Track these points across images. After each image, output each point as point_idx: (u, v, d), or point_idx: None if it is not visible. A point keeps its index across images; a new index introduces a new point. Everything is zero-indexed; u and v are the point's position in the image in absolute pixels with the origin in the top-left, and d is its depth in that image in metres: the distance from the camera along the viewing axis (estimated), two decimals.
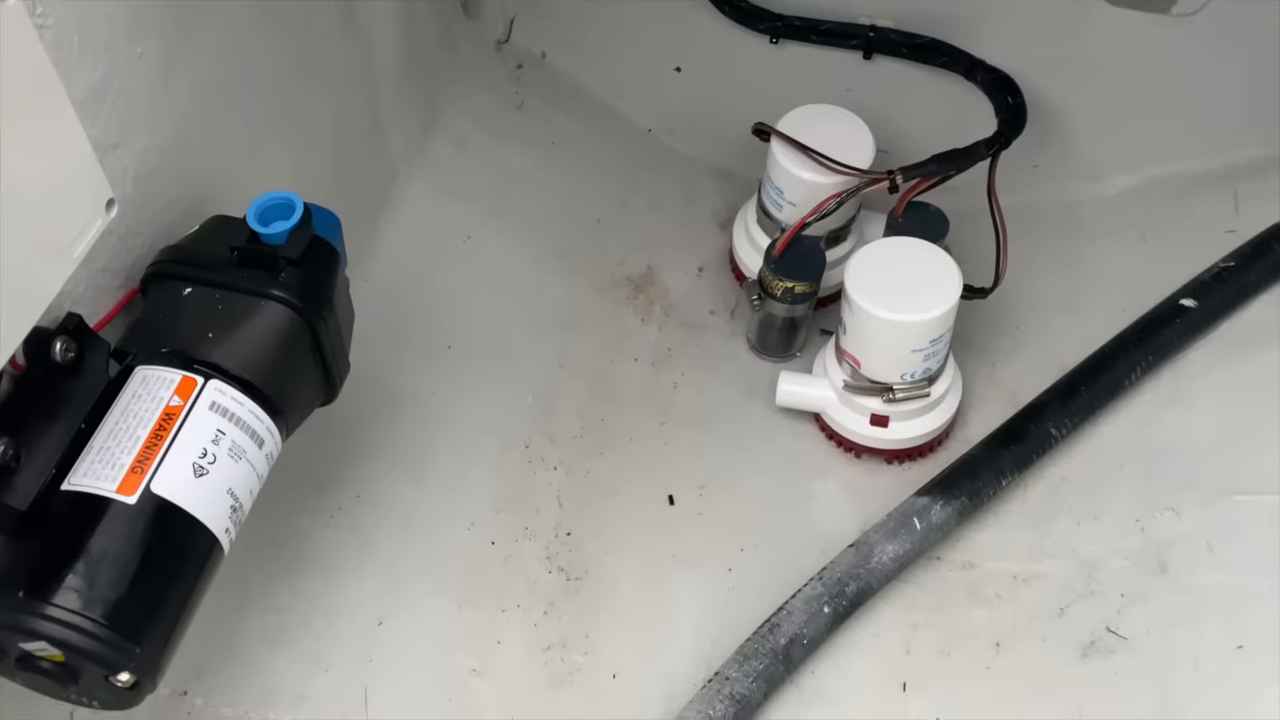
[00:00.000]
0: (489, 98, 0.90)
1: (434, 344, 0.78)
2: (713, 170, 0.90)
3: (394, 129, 0.80)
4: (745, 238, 0.82)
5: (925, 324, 0.70)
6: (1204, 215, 0.83)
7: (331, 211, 0.58)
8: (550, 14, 0.92)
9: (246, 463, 0.51)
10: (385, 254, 0.80)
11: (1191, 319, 0.76)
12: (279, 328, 0.52)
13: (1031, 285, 0.81)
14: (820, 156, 0.75)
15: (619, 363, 0.81)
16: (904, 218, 0.76)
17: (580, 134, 0.91)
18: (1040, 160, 0.87)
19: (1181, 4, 0.79)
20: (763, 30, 0.86)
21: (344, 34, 0.72)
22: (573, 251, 0.85)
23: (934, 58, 0.84)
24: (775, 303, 0.77)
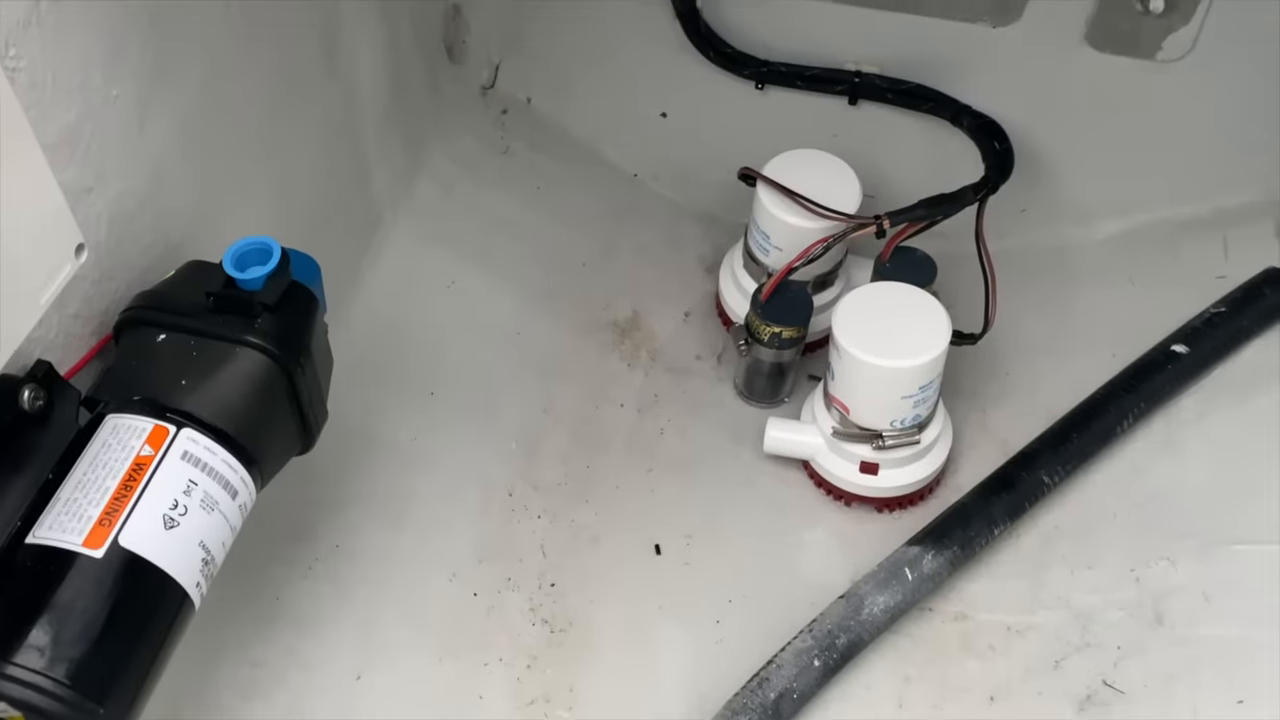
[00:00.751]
0: (474, 142, 0.90)
1: (416, 390, 0.77)
2: (698, 215, 0.90)
3: (378, 172, 0.80)
4: (732, 282, 0.82)
5: (915, 370, 0.69)
6: (1193, 260, 0.83)
7: (310, 257, 0.57)
8: (536, 60, 0.92)
9: (219, 514, 0.50)
10: (367, 298, 0.79)
11: (1183, 365, 0.75)
12: (254, 375, 0.51)
13: (1021, 331, 0.81)
14: (806, 201, 0.74)
15: (604, 408, 0.80)
16: (891, 263, 0.76)
17: (565, 179, 0.91)
18: (1028, 205, 0.87)
19: (1166, 50, 0.80)
20: (748, 76, 0.87)
21: (326, 77, 0.71)
22: (558, 296, 0.85)
23: (919, 103, 0.84)
24: (762, 348, 0.76)
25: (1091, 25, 0.80)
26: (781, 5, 0.84)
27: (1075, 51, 0.81)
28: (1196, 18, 0.78)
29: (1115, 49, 0.80)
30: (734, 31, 0.86)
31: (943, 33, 0.82)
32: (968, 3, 0.81)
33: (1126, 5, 0.78)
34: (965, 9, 0.81)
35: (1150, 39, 0.79)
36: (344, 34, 0.72)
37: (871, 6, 0.82)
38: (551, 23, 0.89)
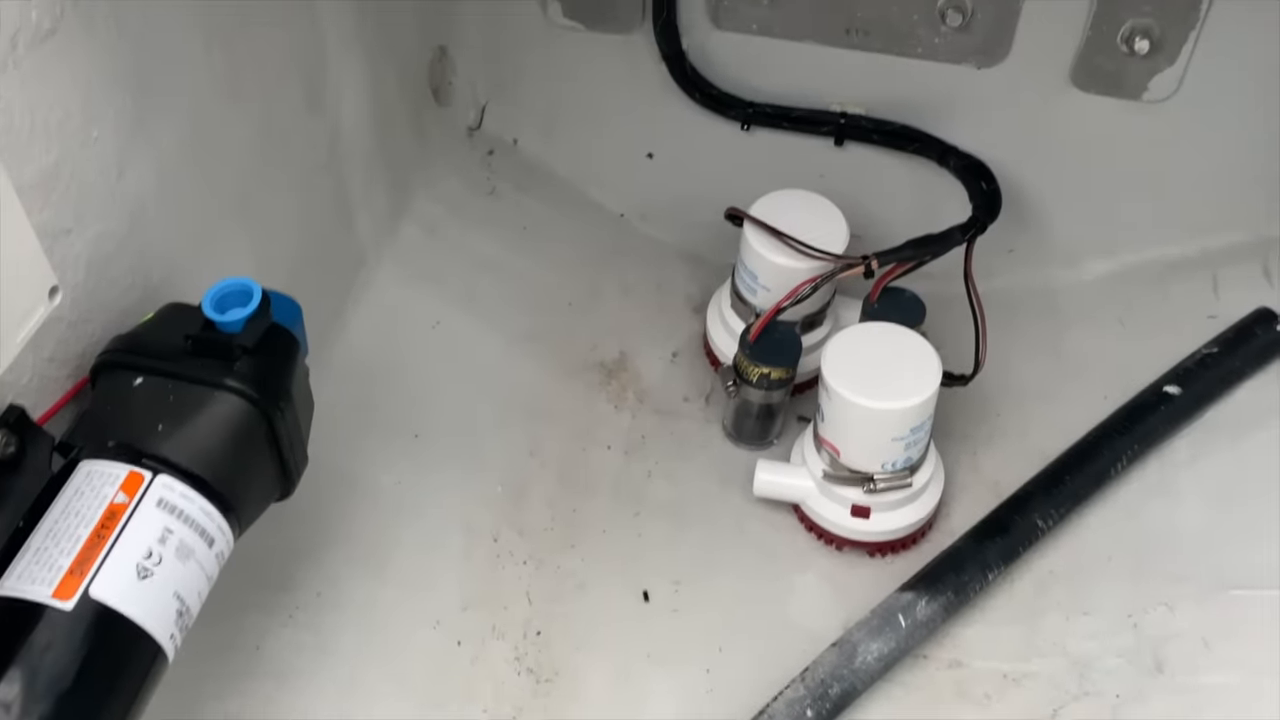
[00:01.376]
0: (460, 183, 0.90)
1: (399, 433, 0.76)
2: (686, 255, 0.90)
3: (362, 213, 0.79)
4: (719, 323, 0.81)
5: (905, 411, 0.68)
6: (1183, 301, 0.83)
7: (292, 299, 0.56)
8: (522, 101, 0.92)
9: (195, 563, 0.49)
10: (351, 340, 0.78)
11: (1176, 406, 0.75)
12: (233, 419, 0.50)
13: (1011, 372, 0.80)
14: (794, 241, 0.74)
15: (591, 451, 0.79)
16: (880, 303, 0.75)
17: (552, 219, 0.90)
18: (1016, 246, 0.86)
19: (1152, 91, 0.80)
20: (734, 117, 0.87)
21: (310, 118, 0.71)
22: (544, 337, 0.84)
23: (906, 144, 0.84)
24: (751, 389, 0.75)
25: (1077, 66, 0.80)
26: (767, 47, 0.84)
27: (1061, 92, 0.82)
28: (1182, 58, 0.78)
29: (1101, 90, 0.81)
30: (720, 73, 0.86)
31: (928, 74, 0.83)
32: (952, 44, 0.81)
33: (1112, 46, 0.79)
34: (950, 51, 0.82)
35: (1136, 80, 0.80)
36: (328, 76, 0.72)
37: (856, 48, 0.83)
38: (538, 64, 0.89)
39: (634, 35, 0.86)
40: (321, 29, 0.70)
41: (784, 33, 0.83)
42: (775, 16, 0.83)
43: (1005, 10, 0.79)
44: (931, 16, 0.80)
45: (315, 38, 0.70)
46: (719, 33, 0.84)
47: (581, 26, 0.86)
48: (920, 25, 0.81)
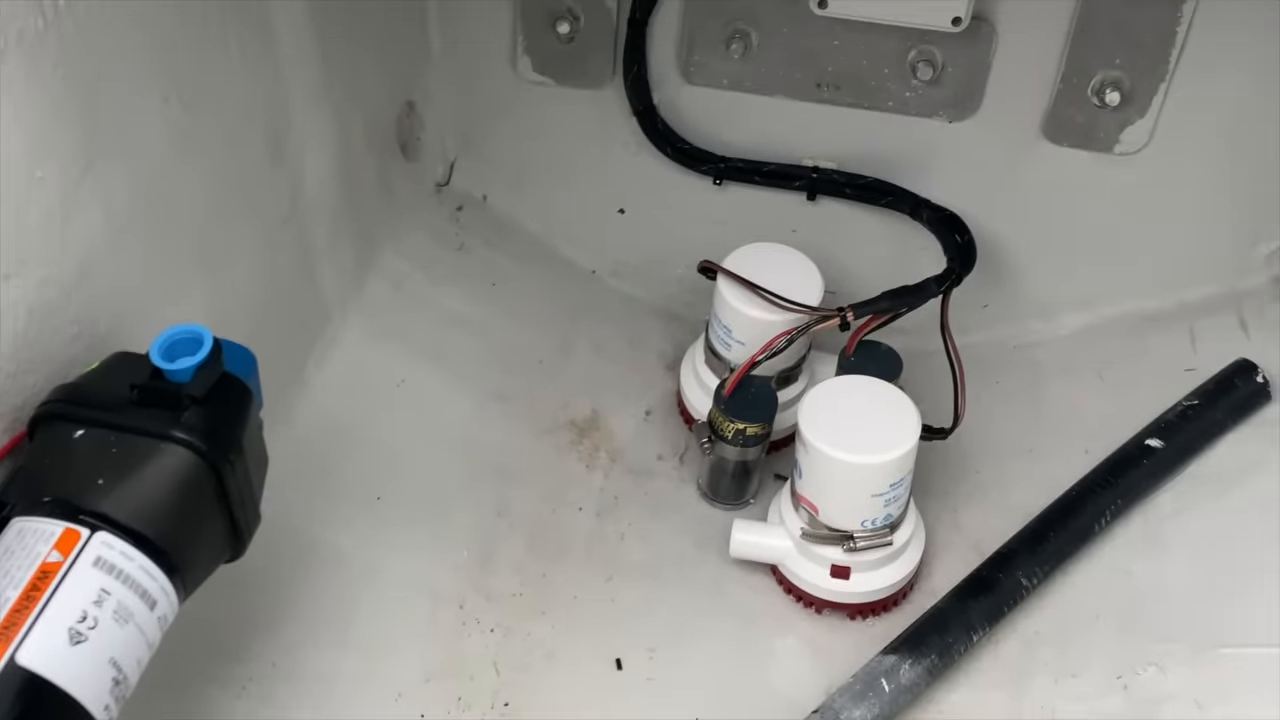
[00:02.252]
0: (428, 239, 0.88)
1: (361, 494, 0.74)
2: (658, 312, 0.89)
3: (326, 268, 0.77)
4: (693, 379, 0.80)
5: (885, 466, 0.67)
6: (1161, 353, 0.82)
7: (246, 348, 0.53)
8: (492, 157, 0.91)
9: (134, 627, 0.45)
10: (313, 397, 0.76)
11: (1160, 459, 0.74)
12: (179, 473, 0.47)
13: (989, 428, 0.79)
14: (768, 294, 0.73)
15: (562, 512, 0.76)
16: (856, 357, 0.74)
17: (522, 275, 0.89)
18: (990, 300, 0.86)
19: (1124, 143, 0.80)
20: (705, 172, 0.86)
21: (272, 167, 0.69)
22: (513, 396, 0.82)
23: (878, 198, 0.84)
24: (726, 446, 0.73)
25: (1048, 119, 0.81)
26: (738, 102, 0.84)
27: (1032, 145, 0.82)
28: (1152, 110, 0.78)
29: (1072, 142, 0.81)
30: (691, 128, 0.86)
31: (900, 128, 0.83)
32: (923, 98, 0.81)
33: (1082, 99, 0.79)
34: (921, 105, 0.82)
35: (1107, 132, 0.80)
36: (292, 129, 0.71)
37: (827, 103, 0.83)
38: (508, 120, 0.89)
39: (604, 90, 0.86)
40: (285, 81, 0.69)
41: (755, 88, 0.83)
42: (746, 72, 0.83)
43: (976, 64, 0.79)
44: (902, 70, 0.81)
45: (278, 90, 0.68)
46: (690, 88, 0.84)
47: (551, 82, 0.86)
48: (891, 79, 0.81)
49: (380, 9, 0.79)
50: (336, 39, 0.73)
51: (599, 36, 0.83)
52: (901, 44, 0.79)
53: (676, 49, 0.83)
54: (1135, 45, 0.76)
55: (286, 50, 0.68)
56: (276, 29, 0.67)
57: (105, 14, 0.52)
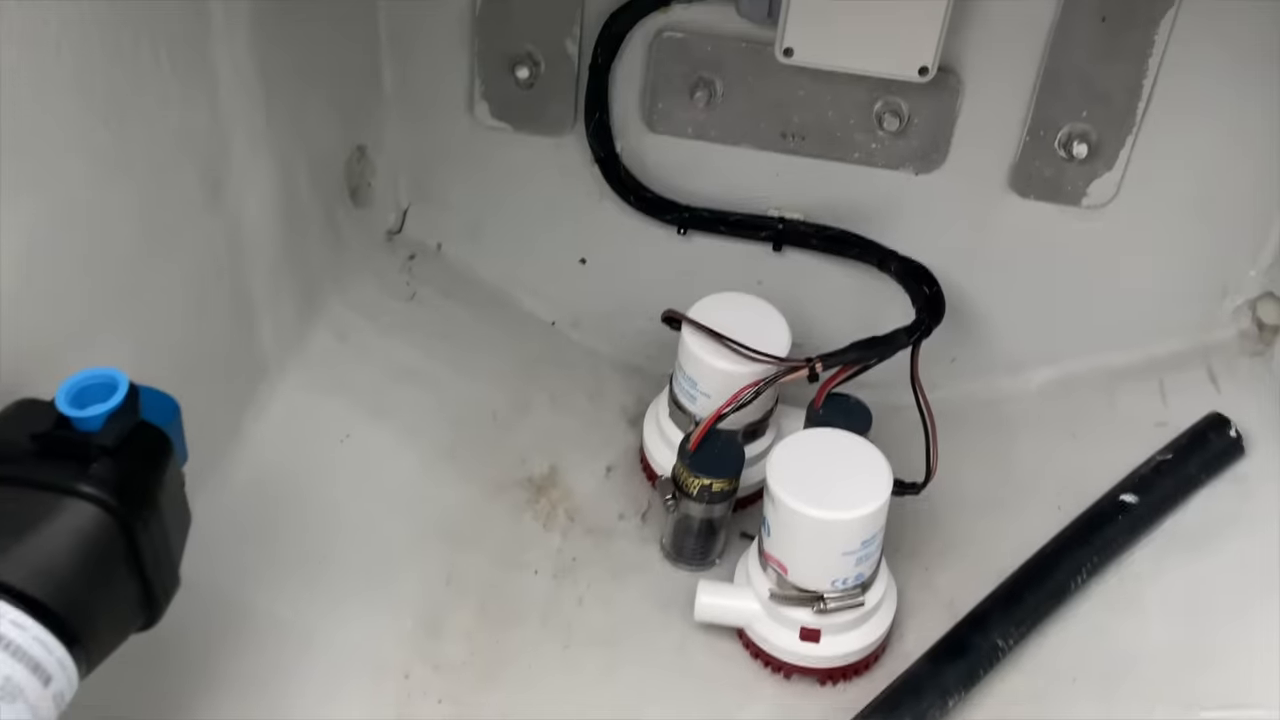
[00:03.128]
0: (377, 288, 0.85)
1: (300, 557, 0.69)
2: (620, 365, 0.86)
3: (266, 317, 0.74)
4: (657, 433, 0.77)
5: (857, 522, 0.64)
6: (1131, 408, 0.81)
7: (168, 395, 0.49)
8: (447, 205, 0.88)
9: (24, 705, 0.41)
10: (248, 454, 0.72)
11: (1135, 515, 0.72)
12: (84, 531, 0.43)
13: (960, 485, 0.77)
14: (735, 344, 0.71)
15: (516, 576, 0.73)
16: (824, 410, 0.72)
17: (477, 326, 0.86)
18: (958, 354, 0.85)
19: (1091, 196, 0.80)
20: (669, 221, 0.84)
21: (208, 209, 0.65)
22: (466, 452, 0.78)
23: (845, 249, 0.83)
24: (691, 503, 0.71)
25: (1015, 172, 0.80)
26: (703, 151, 0.83)
27: (999, 198, 0.81)
28: (1120, 163, 0.78)
29: (1039, 195, 0.80)
30: (655, 176, 0.84)
31: (866, 179, 0.82)
32: (889, 150, 0.81)
33: (1049, 152, 0.78)
34: (887, 156, 0.81)
35: (1074, 185, 0.80)
36: (231, 168, 0.67)
37: (793, 153, 0.82)
38: (464, 167, 0.86)
39: (565, 137, 0.84)
40: (224, 118, 0.66)
41: (720, 137, 0.82)
42: (710, 121, 0.82)
43: (942, 116, 0.79)
44: (868, 121, 0.80)
45: (216, 127, 0.65)
46: (653, 136, 0.83)
47: (510, 128, 0.84)
48: (857, 130, 0.80)
49: (331, 47, 0.77)
50: (282, 75, 0.70)
51: (560, 82, 0.82)
52: (868, 94, 0.79)
53: (640, 96, 0.82)
54: (1102, 98, 0.76)
55: (226, 83, 0.65)
56: (215, 60, 0.64)
57: (19, 31, 0.49)
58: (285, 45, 0.70)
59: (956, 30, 0.74)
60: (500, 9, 0.79)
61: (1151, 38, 0.73)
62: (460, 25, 0.80)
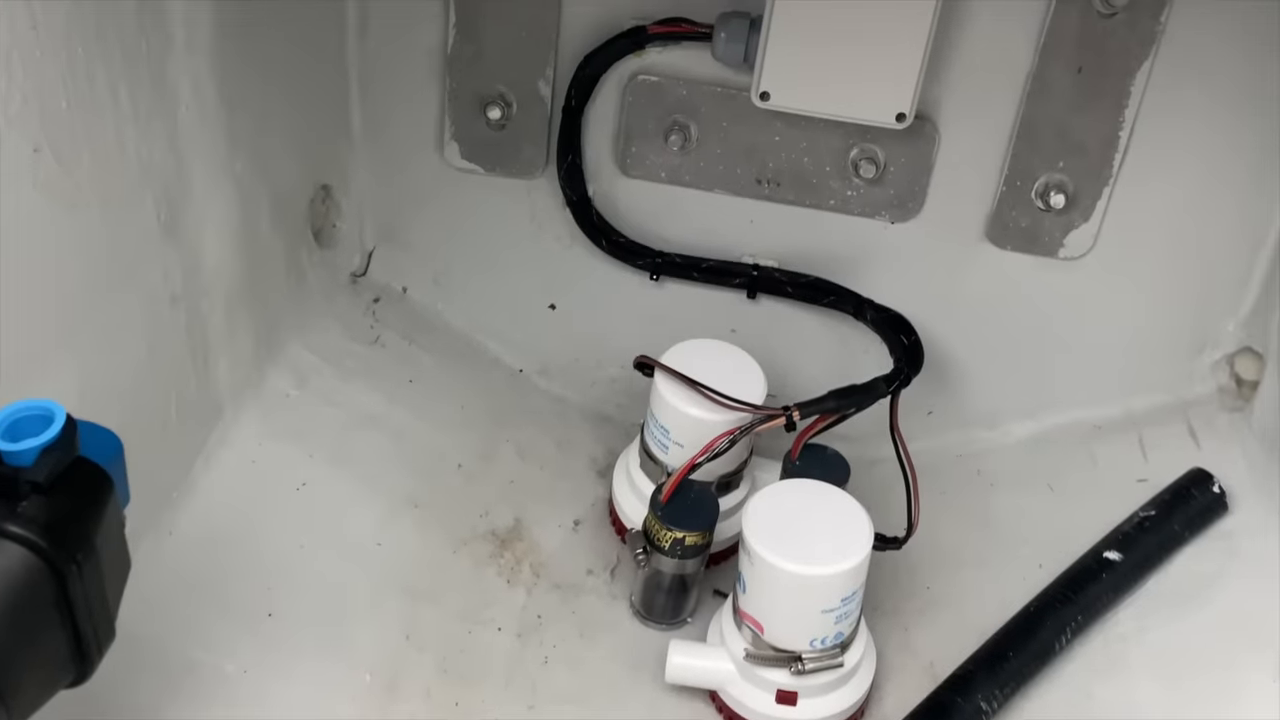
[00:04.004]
0: (339, 332, 0.83)
1: (250, 611, 0.66)
2: (589, 414, 0.85)
3: (222, 358, 0.71)
4: (627, 484, 0.75)
5: (838, 578, 0.62)
6: (1111, 463, 0.80)
7: (111, 432, 0.46)
8: (413, 247, 0.86)
9: None
10: (199, 501, 0.69)
11: (1119, 572, 0.70)
12: (9, 574, 0.40)
13: (939, 541, 0.76)
14: (710, 391, 0.69)
15: (479, 633, 0.70)
16: (801, 461, 0.70)
17: (442, 373, 0.84)
18: (934, 407, 0.84)
19: (1068, 247, 0.79)
20: (642, 267, 0.83)
21: (164, 241, 0.63)
22: (428, 503, 0.76)
23: (820, 297, 0.82)
24: (663, 557, 0.68)
25: (991, 222, 0.80)
26: (677, 195, 0.82)
27: (976, 248, 0.81)
28: (1096, 215, 0.78)
29: (1016, 246, 0.80)
30: (627, 220, 0.83)
31: (841, 227, 0.81)
32: (865, 198, 0.80)
33: (1026, 202, 0.78)
34: (863, 204, 0.80)
35: (1051, 236, 0.79)
36: (190, 201, 0.65)
37: (768, 199, 0.81)
38: (432, 209, 0.85)
39: (536, 180, 0.83)
40: (183, 144, 0.63)
41: (694, 182, 0.81)
42: (685, 165, 0.81)
43: (918, 164, 0.78)
44: (844, 168, 0.79)
45: (175, 153, 0.63)
46: (627, 180, 0.82)
47: (480, 169, 0.83)
48: (833, 177, 0.79)
49: (298, 80, 0.75)
50: (246, 103, 0.68)
51: (532, 124, 0.81)
52: (844, 141, 0.78)
53: (613, 139, 0.81)
54: (1079, 148, 0.76)
55: (187, 107, 0.63)
56: (175, 81, 0.62)
57: None
58: (250, 72, 0.69)
59: (933, 78, 0.74)
60: (472, 48, 0.78)
61: (1127, 88, 0.73)
62: (431, 64, 0.79)
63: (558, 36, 0.77)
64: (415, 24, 0.78)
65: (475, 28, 0.77)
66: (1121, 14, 0.71)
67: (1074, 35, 0.72)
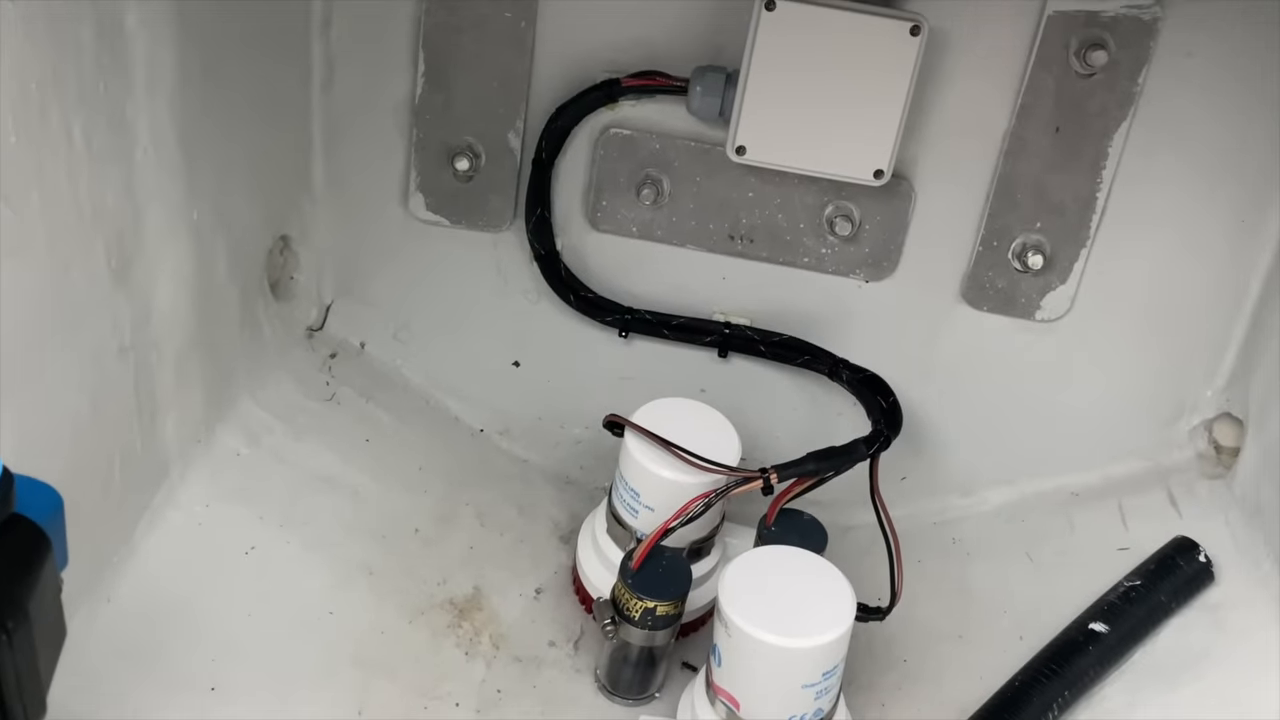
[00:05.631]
0: (294, 388, 0.80)
1: (193, 684, 0.62)
2: (553, 477, 0.82)
3: (170, 413, 0.67)
4: (593, 551, 0.72)
5: (820, 650, 0.59)
6: (1090, 531, 0.78)
7: (50, 487, 0.42)
8: (373, 301, 0.84)
9: None
10: (141, 566, 0.65)
11: (1105, 645, 0.68)
12: None
13: (916, 612, 0.73)
14: (683, 452, 0.66)
15: (435, 709, 0.66)
16: (777, 526, 0.68)
17: (400, 432, 0.81)
18: (909, 473, 0.82)
19: (1045, 309, 0.79)
20: (610, 323, 0.81)
21: (114, 288, 0.60)
22: (382, 569, 0.72)
23: (794, 356, 0.80)
24: (632, 628, 0.65)
25: (967, 282, 0.79)
26: (647, 251, 0.80)
27: (951, 309, 0.80)
28: (1074, 276, 0.77)
29: (992, 307, 0.79)
30: (596, 276, 0.81)
31: (815, 285, 0.80)
32: (840, 256, 0.79)
33: (1003, 262, 0.77)
34: (837, 263, 0.79)
35: (1028, 298, 0.78)
36: (143, 247, 0.62)
37: (741, 256, 0.80)
38: (394, 262, 0.82)
39: (504, 233, 0.81)
40: (139, 188, 0.60)
41: (665, 237, 0.80)
42: (656, 220, 0.79)
43: (894, 222, 0.78)
44: (818, 225, 0.78)
45: (130, 197, 0.60)
46: (596, 234, 0.81)
47: (446, 222, 0.81)
48: (807, 234, 0.78)
49: (259, 128, 0.73)
50: (206, 148, 0.66)
51: (500, 176, 0.79)
52: (819, 198, 0.77)
53: (584, 193, 0.79)
54: (1056, 209, 0.75)
55: (144, 149, 0.60)
56: (133, 122, 0.59)
57: None
58: (211, 118, 0.66)
59: (910, 135, 0.73)
60: (441, 98, 0.77)
61: (1105, 149, 0.73)
62: (398, 113, 0.78)
63: (529, 87, 0.76)
64: (382, 71, 0.76)
65: (444, 77, 0.76)
66: (1100, 74, 0.71)
67: (1052, 95, 0.72)
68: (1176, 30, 0.70)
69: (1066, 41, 0.71)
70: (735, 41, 0.70)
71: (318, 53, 0.76)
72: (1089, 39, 0.70)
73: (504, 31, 0.74)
